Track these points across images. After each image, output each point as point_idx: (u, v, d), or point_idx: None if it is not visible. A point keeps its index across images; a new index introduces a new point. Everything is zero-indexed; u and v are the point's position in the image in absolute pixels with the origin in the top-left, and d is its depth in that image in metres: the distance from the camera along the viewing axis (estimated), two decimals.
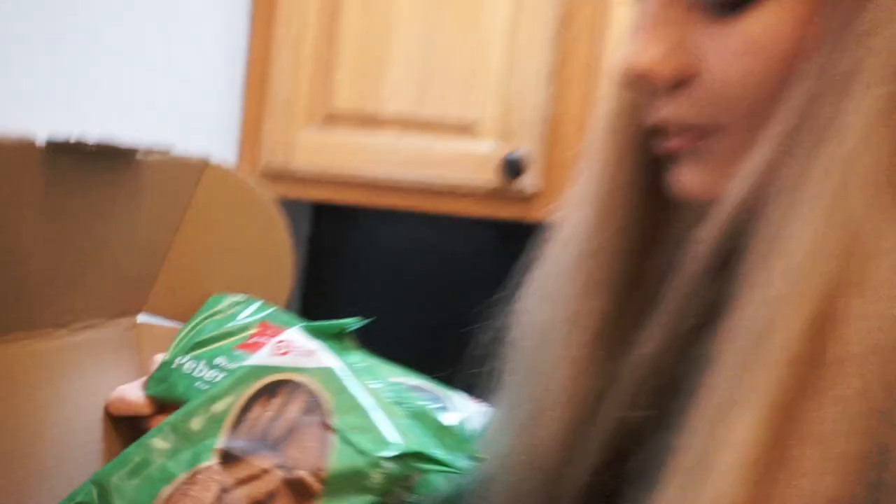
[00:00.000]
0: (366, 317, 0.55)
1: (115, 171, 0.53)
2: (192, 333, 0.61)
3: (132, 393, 0.57)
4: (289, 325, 0.60)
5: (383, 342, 0.68)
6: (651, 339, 0.37)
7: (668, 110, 0.34)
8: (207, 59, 1.01)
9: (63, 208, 0.50)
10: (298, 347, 0.49)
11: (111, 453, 0.57)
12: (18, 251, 0.47)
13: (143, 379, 0.58)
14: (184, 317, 0.62)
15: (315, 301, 1.26)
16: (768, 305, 0.29)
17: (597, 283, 0.39)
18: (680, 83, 0.33)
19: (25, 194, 0.46)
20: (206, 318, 0.62)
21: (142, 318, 0.63)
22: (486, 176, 0.96)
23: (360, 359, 0.46)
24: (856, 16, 0.29)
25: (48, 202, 0.48)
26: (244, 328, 0.60)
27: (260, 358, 0.50)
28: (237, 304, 0.63)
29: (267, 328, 0.61)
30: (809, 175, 0.29)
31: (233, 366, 0.58)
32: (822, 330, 0.28)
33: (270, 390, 0.47)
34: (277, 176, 1.01)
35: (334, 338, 0.48)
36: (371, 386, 0.44)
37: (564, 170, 0.96)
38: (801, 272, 0.29)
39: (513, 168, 0.94)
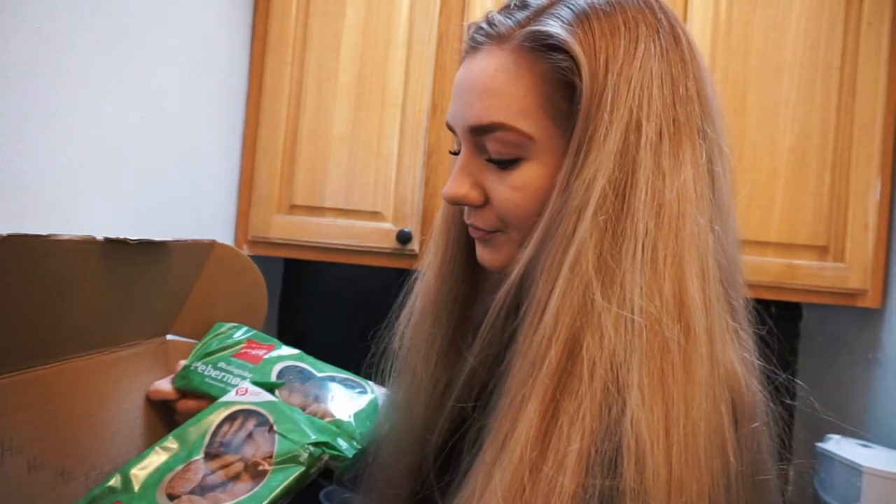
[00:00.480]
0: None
1: (150, 254, 0.66)
2: (203, 347, 0.74)
3: (164, 385, 0.71)
4: (266, 341, 0.76)
5: (328, 343, 1.08)
6: (474, 356, 0.48)
7: (472, 218, 0.50)
8: (213, 172, 1.21)
9: (115, 277, 0.62)
10: (251, 391, 0.64)
11: (150, 430, 0.72)
12: (84, 304, 0.60)
13: (171, 376, 0.72)
14: (197, 336, 0.80)
15: (287, 317, 1.56)
16: (538, 339, 0.40)
17: (440, 318, 0.54)
18: (477, 205, 0.49)
19: (90, 270, 0.58)
20: (212, 337, 0.76)
21: (170, 337, 0.80)
22: (388, 243, 1.27)
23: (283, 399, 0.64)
24: (582, 170, 0.42)
25: (105, 274, 0.60)
26: (237, 343, 0.75)
27: (229, 396, 0.63)
28: (232, 328, 0.77)
29: (252, 343, 0.76)
30: (557, 261, 0.41)
31: (230, 368, 0.71)
32: (570, 354, 0.39)
33: (234, 416, 0.61)
34: (260, 244, 1.29)
35: (271, 388, 0.67)
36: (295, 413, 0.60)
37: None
38: (555, 319, 0.40)
39: (403, 238, 1.25)
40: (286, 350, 0.75)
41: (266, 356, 0.73)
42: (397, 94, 1.30)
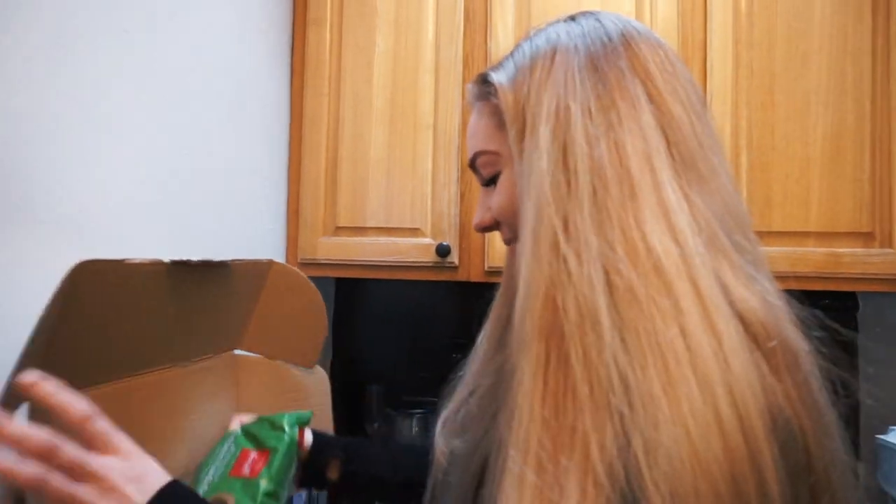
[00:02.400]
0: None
1: (212, 273, 0.71)
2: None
3: None
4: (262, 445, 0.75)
5: (379, 356, 1.14)
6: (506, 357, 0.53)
7: (502, 235, 0.62)
8: (262, 201, 1.30)
9: (181, 296, 0.66)
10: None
11: (219, 438, 0.79)
12: (156, 322, 0.65)
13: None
14: (262, 351, 0.86)
15: (341, 332, 1.63)
16: (519, 309, 0.47)
17: (496, 336, 0.62)
18: (494, 225, 0.61)
19: (158, 291, 0.62)
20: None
21: (237, 352, 0.86)
22: (428, 257, 1.31)
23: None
24: (522, 161, 0.51)
25: (171, 294, 0.64)
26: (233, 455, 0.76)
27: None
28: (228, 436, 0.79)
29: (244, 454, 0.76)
30: (526, 243, 0.49)
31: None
32: (551, 313, 0.44)
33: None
34: (309, 265, 1.36)
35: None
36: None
37: (469, 253, 1.32)
38: (527, 287, 0.46)
39: (442, 252, 1.29)
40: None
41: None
42: (428, 115, 1.36)
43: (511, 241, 0.60)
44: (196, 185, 1.06)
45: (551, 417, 0.42)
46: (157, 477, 0.52)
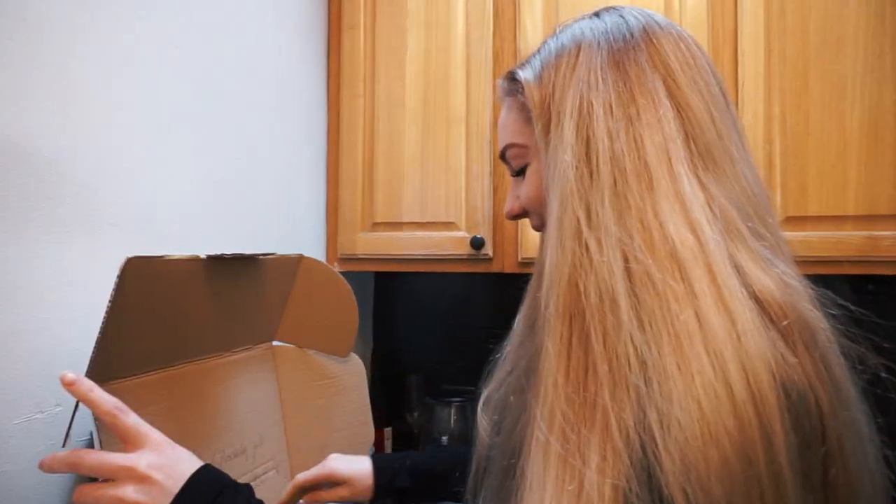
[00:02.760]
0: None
1: (247, 268, 0.76)
2: None
3: None
4: None
5: (418, 347, 1.19)
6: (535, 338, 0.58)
7: (531, 223, 0.65)
8: (302, 200, 1.35)
9: (219, 290, 0.70)
10: None
11: (260, 420, 0.83)
12: (195, 316, 0.69)
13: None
14: (297, 342, 0.92)
15: (381, 325, 1.68)
16: (544, 293, 0.50)
17: (531, 320, 0.62)
18: (524, 214, 0.65)
19: (196, 284, 0.66)
20: None
21: (275, 342, 0.91)
22: (463, 250, 1.35)
23: None
24: (548, 154, 0.54)
25: (210, 288, 0.68)
26: None
27: None
28: None
29: None
30: (551, 231, 0.52)
31: None
32: (573, 297, 0.47)
33: None
34: (349, 260, 1.41)
35: None
36: None
37: (503, 245, 1.35)
38: (552, 272, 0.50)
39: (477, 244, 1.32)
40: None
41: None
42: (460, 111, 1.39)
43: (540, 227, 0.63)
44: (241, 188, 1.12)
45: (574, 392, 0.45)
46: (188, 464, 0.56)
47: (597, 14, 0.60)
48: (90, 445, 0.75)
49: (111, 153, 0.80)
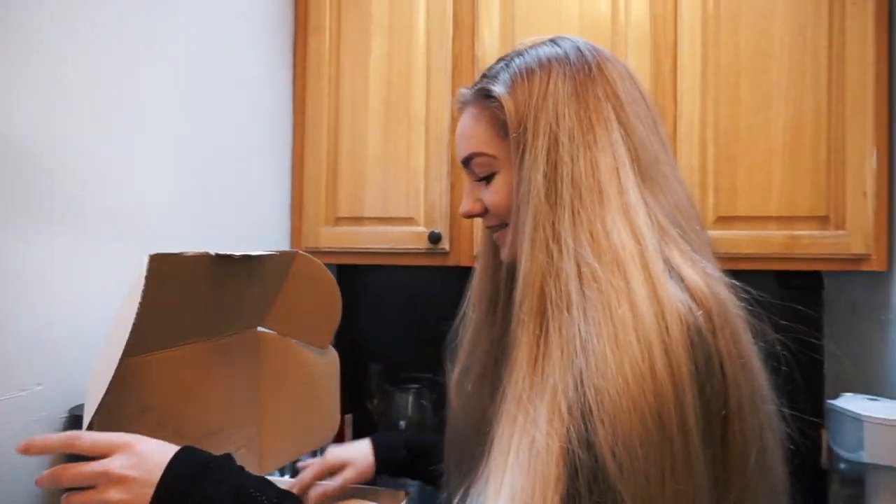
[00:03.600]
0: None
1: (249, 264, 0.79)
2: None
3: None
4: None
5: (380, 338, 1.26)
6: (504, 326, 0.66)
7: (485, 223, 0.73)
8: (269, 195, 1.42)
9: (221, 282, 0.75)
10: None
11: (241, 402, 0.88)
12: (197, 303, 0.73)
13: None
14: (282, 331, 0.94)
15: (343, 316, 1.68)
16: (519, 294, 0.58)
17: (485, 303, 0.75)
18: (482, 213, 0.71)
19: (202, 277, 0.71)
20: None
21: (260, 328, 0.96)
22: (421, 244, 1.42)
23: None
24: (521, 171, 0.62)
25: (214, 280, 0.73)
26: None
27: None
28: None
29: None
30: (525, 243, 0.60)
31: None
32: (540, 298, 0.56)
33: None
34: (312, 254, 1.19)
35: None
36: None
37: (459, 240, 1.43)
38: (525, 275, 0.58)
39: (434, 239, 1.40)
40: None
41: None
42: (421, 114, 1.47)
43: (496, 227, 0.71)
44: (212, 184, 1.18)
45: (535, 375, 0.54)
46: (160, 454, 0.59)
47: (554, 42, 0.68)
48: (71, 424, 0.81)
49: (92, 150, 0.86)
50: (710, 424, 0.53)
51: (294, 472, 1.15)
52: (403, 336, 1.75)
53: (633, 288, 0.54)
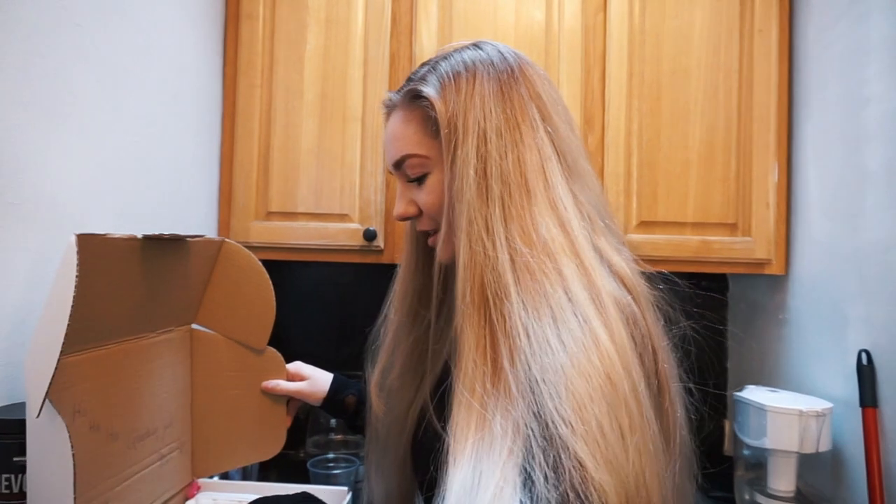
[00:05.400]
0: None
1: (176, 248, 0.78)
2: None
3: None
4: None
5: (307, 336, 1.24)
6: (437, 321, 0.72)
7: (419, 226, 0.73)
8: (196, 186, 1.34)
9: (150, 269, 0.73)
10: None
11: (175, 402, 0.85)
12: (128, 293, 0.70)
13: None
14: (215, 328, 0.91)
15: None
16: (460, 286, 0.60)
17: (409, 303, 0.77)
18: (416, 215, 0.72)
19: (131, 263, 0.69)
20: None
21: (194, 326, 0.93)
22: (356, 241, 1.41)
23: None
24: (453, 169, 0.64)
25: (143, 266, 0.71)
26: None
27: None
28: None
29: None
30: (461, 237, 0.62)
31: None
32: (481, 288, 0.59)
33: None
34: None
35: None
36: None
37: (394, 237, 1.43)
38: (463, 269, 0.60)
39: (369, 236, 1.39)
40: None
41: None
42: (357, 109, 1.46)
43: (431, 230, 0.71)
44: (138, 172, 1.11)
45: (484, 363, 0.56)
46: None
47: (477, 46, 0.70)
48: None
49: (9, 133, 0.79)
50: (651, 392, 0.57)
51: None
52: (333, 334, 1.73)
53: (566, 275, 0.57)
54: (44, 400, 0.57)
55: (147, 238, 0.69)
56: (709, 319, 0.73)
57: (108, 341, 0.72)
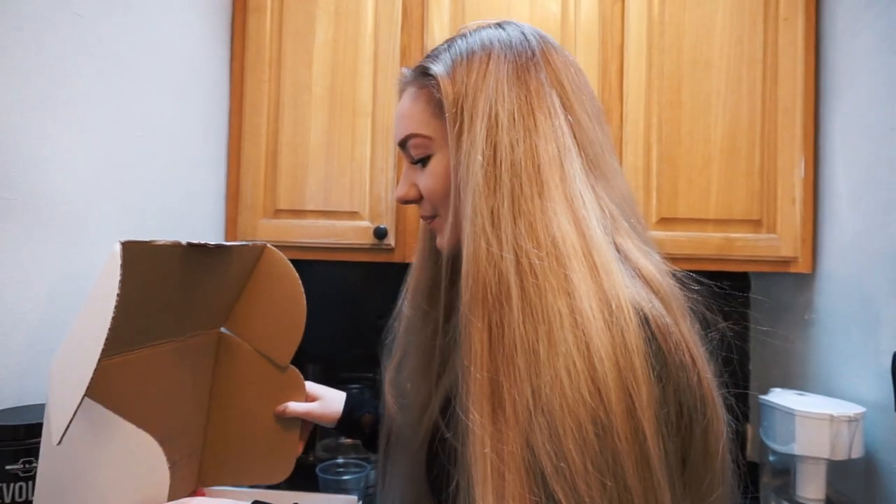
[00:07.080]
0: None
1: (219, 254, 0.74)
2: None
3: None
4: None
5: (320, 335, 1.20)
6: (446, 323, 0.66)
7: (420, 212, 0.68)
8: (203, 183, 1.31)
9: (190, 275, 0.70)
10: None
11: (200, 406, 0.81)
12: (164, 298, 0.67)
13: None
14: (244, 335, 0.86)
15: None
16: (466, 282, 0.54)
17: (422, 299, 0.73)
18: (417, 200, 0.67)
19: (172, 269, 0.66)
20: None
21: (223, 329, 0.88)
22: (366, 239, 1.38)
23: None
24: (458, 154, 0.58)
25: (183, 272, 0.67)
26: None
27: None
28: None
29: None
30: (466, 227, 0.56)
31: None
32: (487, 286, 0.52)
33: None
34: None
35: None
36: None
37: (405, 235, 1.40)
38: (468, 265, 0.54)
39: (380, 234, 1.36)
40: None
41: None
42: (367, 104, 1.42)
43: (430, 217, 0.67)
44: (144, 168, 1.08)
45: (479, 372, 0.52)
46: None
47: (500, 25, 0.66)
48: None
49: (12, 131, 0.76)
50: (681, 411, 0.50)
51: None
52: (343, 335, 1.69)
53: (574, 282, 0.51)
54: (79, 403, 0.54)
55: (191, 245, 0.65)
56: (730, 319, 0.67)
57: (139, 346, 0.69)
